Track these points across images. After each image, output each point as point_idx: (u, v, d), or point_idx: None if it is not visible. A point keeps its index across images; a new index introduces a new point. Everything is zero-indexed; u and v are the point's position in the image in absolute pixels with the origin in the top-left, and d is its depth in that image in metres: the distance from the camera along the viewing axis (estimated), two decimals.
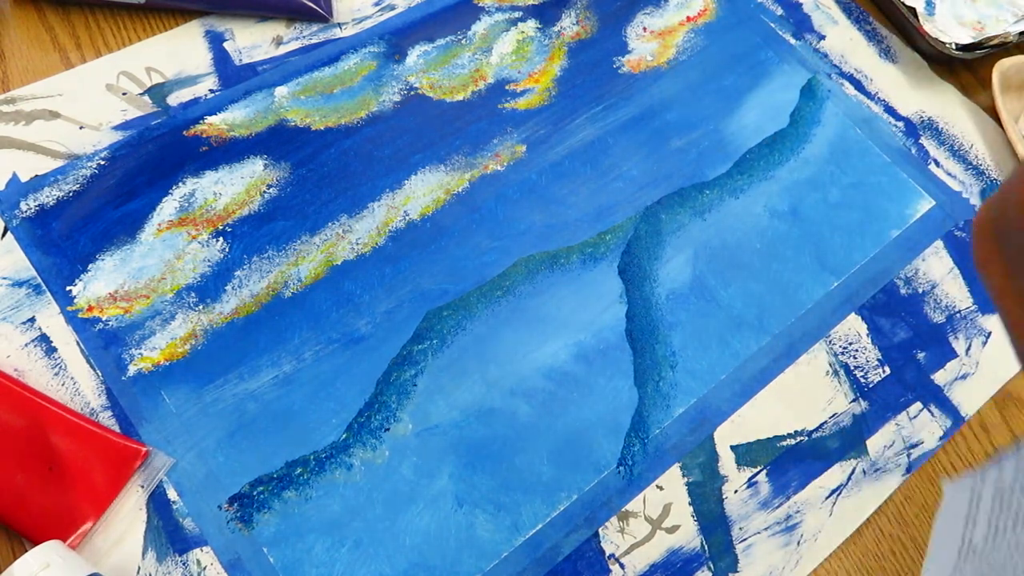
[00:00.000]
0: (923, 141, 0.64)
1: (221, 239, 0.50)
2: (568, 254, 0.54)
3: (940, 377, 0.55)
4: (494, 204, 0.55)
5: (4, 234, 0.48)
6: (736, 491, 0.49)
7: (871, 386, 0.53)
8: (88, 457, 0.42)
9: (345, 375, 0.48)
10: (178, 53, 0.56)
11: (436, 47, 0.60)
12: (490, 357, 0.49)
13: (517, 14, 0.63)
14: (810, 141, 0.62)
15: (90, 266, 0.48)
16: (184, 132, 0.54)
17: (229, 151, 0.53)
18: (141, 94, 0.55)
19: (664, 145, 0.59)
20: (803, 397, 0.52)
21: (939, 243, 0.59)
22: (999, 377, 0.56)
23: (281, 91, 0.56)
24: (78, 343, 0.46)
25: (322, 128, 0.55)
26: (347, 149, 0.55)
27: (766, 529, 0.48)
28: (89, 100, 0.54)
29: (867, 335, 0.55)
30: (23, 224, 0.49)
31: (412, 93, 0.58)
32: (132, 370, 0.46)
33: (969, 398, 0.54)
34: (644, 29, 0.65)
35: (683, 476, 0.48)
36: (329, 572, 0.43)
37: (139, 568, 0.42)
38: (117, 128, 0.53)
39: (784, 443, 0.51)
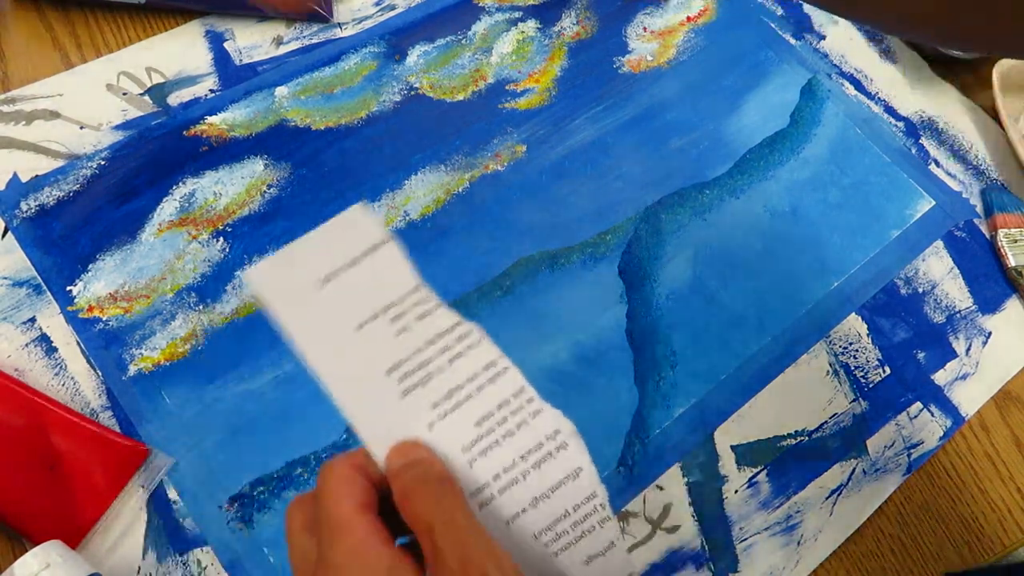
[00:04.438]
0: (923, 141, 0.64)
1: (221, 239, 0.50)
2: (568, 254, 0.54)
3: (940, 377, 0.55)
4: (494, 204, 0.55)
5: (4, 234, 0.48)
6: (736, 491, 0.49)
7: (871, 386, 0.53)
8: (88, 457, 0.42)
9: None
10: (178, 53, 0.56)
11: (436, 47, 0.60)
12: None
13: (517, 14, 0.63)
14: (810, 141, 0.62)
15: (90, 266, 0.48)
16: (184, 132, 0.54)
17: (229, 151, 0.53)
18: (141, 94, 0.55)
19: (664, 145, 0.60)
20: (803, 397, 0.52)
21: (939, 243, 0.59)
22: (999, 377, 0.56)
23: (281, 91, 0.56)
24: (78, 343, 0.46)
25: (322, 128, 0.55)
26: (347, 149, 0.55)
27: (766, 529, 0.48)
28: (89, 100, 0.54)
29: (867, 335, 0.55)
30: (23, 224, 0.49)
31: (412, 93, 0.58)
32: (132, 370, 0.46)
33: (969, 398, 0.54)
34: (644, 29, 0.65)
35: (683, 476, 0.48)
36: None
37: (139, 568, 0.42)
38: (117, 128, 0.53)
39: (784, 443, 0.51)
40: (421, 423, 0.28)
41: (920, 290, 0.57)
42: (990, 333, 0.57)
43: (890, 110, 0.65)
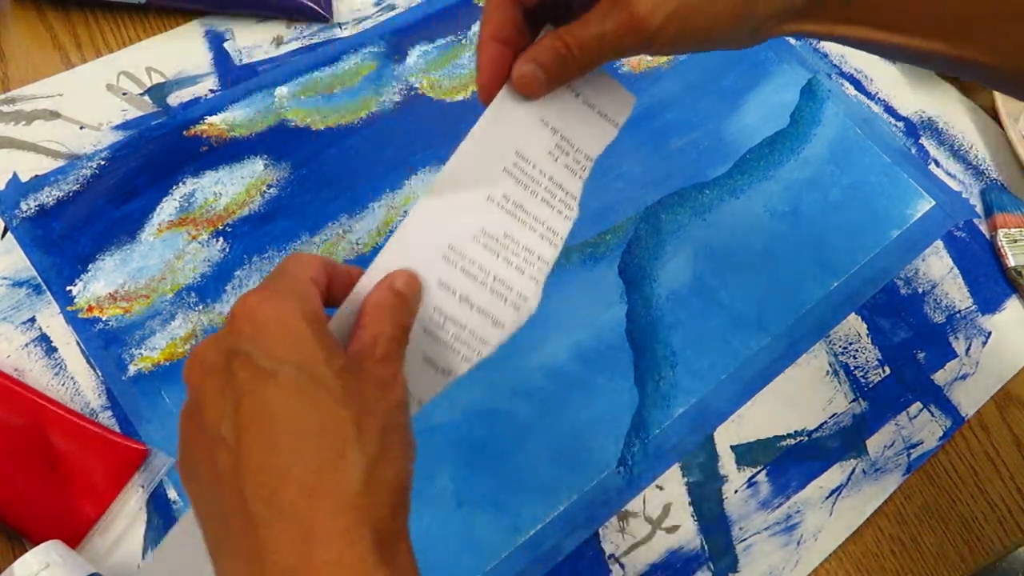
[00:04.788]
0: (923, 141, 0.64)
1: (221, 239, 0.50)
2: (568, 254, 0.54)
3: (940, 377, 0.55)
4: None
5: (4, 234, 0.48)
6: (736, 491, 0.49)
7: (871, 386, 0.53)
8: (88, 457, 0.42)
9: None
10: (178, 53, 0.56)
11: (436, 47, 0.60)
12: (490, 357, 0.49)
13: None
14: (810, 141, 0.62)
15: (90, 266, 0.48)
16: (184, 132, 0.54)
17: (229, 151, 0.53)
18: (141, 94, 0.55)
19: (664, 145, 0.59)
20: (803, 397, 0.52)
21: (939, 243, 0.59)
22: (999, 377, 0.56)
23: (281, 91, 0.56)
24: (78, 343, 0.46)
25: (322, 128, 0.55)
26: (347, 149, 0.55)
27: (766, 529, 0.48)
28: (89, 100, 0.54)
29: (867, 335, 0.55)
30: (23, 224, 0.49)
31: (412, 93, 0.58)
32: (132, 370, 0.46)
33: (969, 398, 0.54)
34: None
35: (683, 476, 0.48)
36: None
37: (139, 568, 0.42)
38: (117, 128, 0.53)
39: (784, 443, 0.51)
40: (481, 194, 0.32)
41: (920, 290, 0.57)
42: (990, 333, 0.57)
43: (890, 110, 0.65)
